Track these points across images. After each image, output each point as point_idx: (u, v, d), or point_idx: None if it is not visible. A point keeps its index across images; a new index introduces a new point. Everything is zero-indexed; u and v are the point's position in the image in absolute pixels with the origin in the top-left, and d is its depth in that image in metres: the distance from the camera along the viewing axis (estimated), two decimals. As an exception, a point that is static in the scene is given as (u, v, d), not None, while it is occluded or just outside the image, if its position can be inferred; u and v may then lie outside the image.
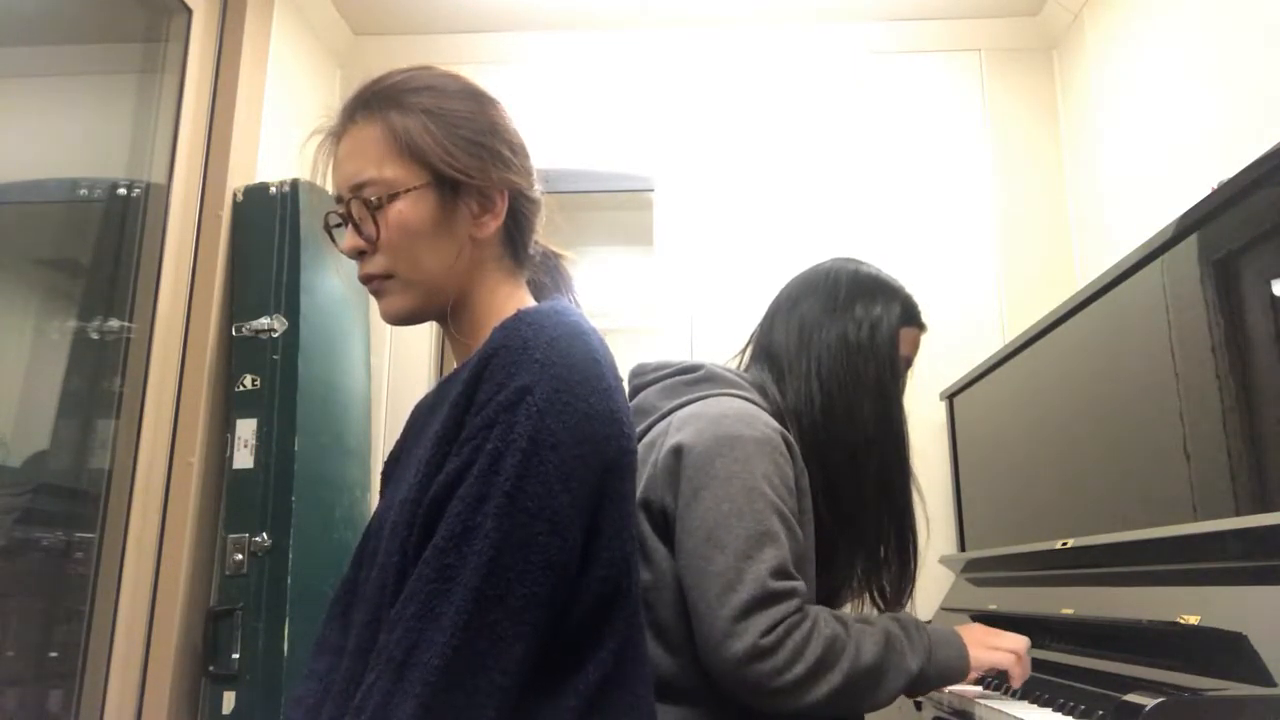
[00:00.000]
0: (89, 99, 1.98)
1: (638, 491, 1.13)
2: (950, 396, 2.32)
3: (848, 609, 1.34)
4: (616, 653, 0.80)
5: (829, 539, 1.21)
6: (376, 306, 0.92)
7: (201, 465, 1.98)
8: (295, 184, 2.13)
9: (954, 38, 2.65)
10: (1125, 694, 0.93)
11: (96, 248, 1.95)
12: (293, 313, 2.05)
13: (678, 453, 1.12)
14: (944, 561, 2.21)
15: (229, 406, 2.03)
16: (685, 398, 1.22)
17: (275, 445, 1.97)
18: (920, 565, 1.28)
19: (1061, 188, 2.56)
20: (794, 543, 1.08)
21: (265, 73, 2.27)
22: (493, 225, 0.89)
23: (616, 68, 2.70)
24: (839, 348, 1.24)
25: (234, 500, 1.96)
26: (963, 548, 2.25)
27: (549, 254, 1.00)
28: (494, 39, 2.71)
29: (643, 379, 1.31)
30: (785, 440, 1.15)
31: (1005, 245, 2.53)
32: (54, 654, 1.78)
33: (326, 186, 0.94)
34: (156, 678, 1.87)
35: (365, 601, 0.81)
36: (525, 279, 0.96)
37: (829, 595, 1.27)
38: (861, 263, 1.34)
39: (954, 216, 2.56)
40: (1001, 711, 1.18)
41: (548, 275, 1.00)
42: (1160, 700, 0.88)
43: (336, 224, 0.92)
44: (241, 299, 2.08)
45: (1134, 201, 2.19)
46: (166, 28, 2.11)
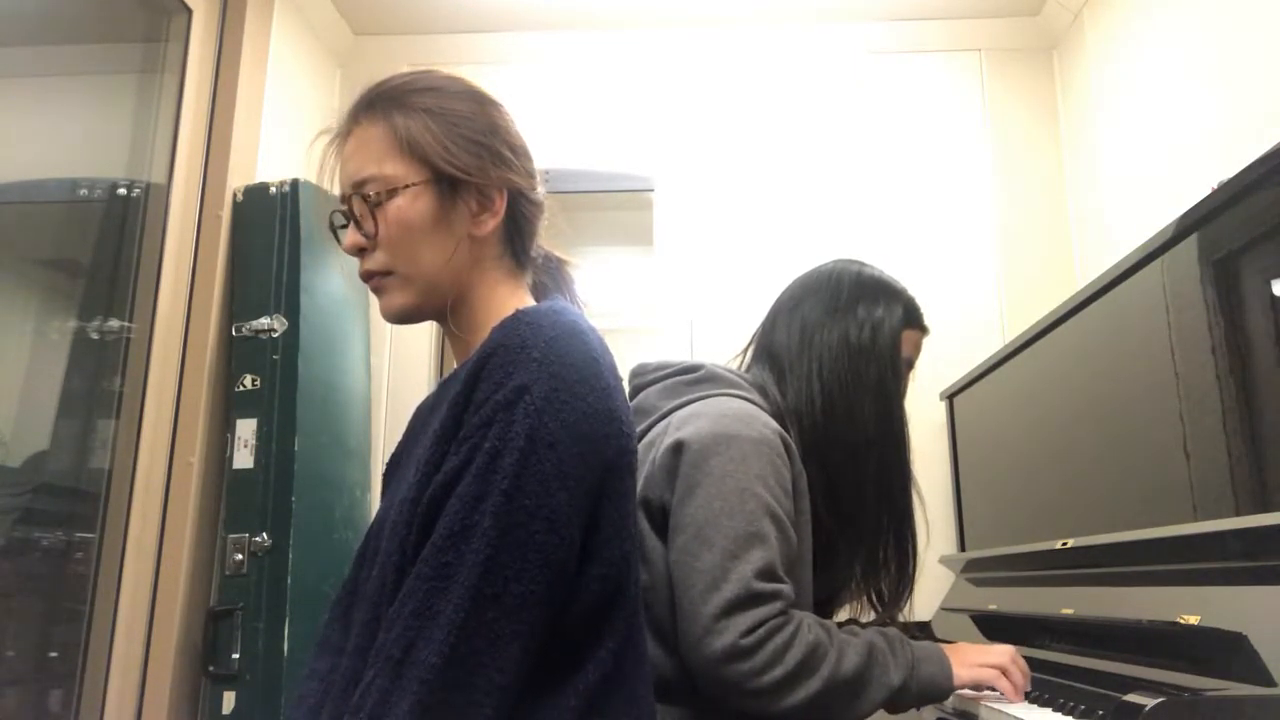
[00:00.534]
0: (89, 99, 1.98)
1: (637, 490, 1.13)
2: (950, 396, 2.32)
3: (846, 611, 1.34)
4: (617, 652, 0.80)
5: (828, 540, 1.20)
6: (376, 307, 0.93)
7: (201, 465, 1.98)
8: (295, 184, 2.13)
9: (954, 38, 2.65)
10: (1125, 694, 0.93)
11: (96, 248, 1.95)
12: (293, 313, 2.05)
13: (677, 450, 1.12)
14: (944, 561, 2.21)
15: (229, 406, 2.03)
16: (685, 397, 1.22)
17: (275, 445, 1.97)
18: (920, 568, 1.28)
19: (1061, 188, 2.56)
20: (786, 545, 1.08)
21: (265, 73, 2.27)
22: (491, 224, 0.90)
23: (616, 68, 2.70)
24: (840, 349, 1.24)
25: (234, 500, 1.96)
26: (963, 548, 2.25)
27: (551, 258, 1.01)
28: (494, 39, 2.71)
29: (643, 379, 1.31)
30: (784, 441, 1.15)
31: (1005, 245, 2.53)
32: (54, 654, 1.78)
33: (333, 189, 0.94)
34: (156, 678, 1.87)
35: (365, 601, 0.82)
36: (527, 281, 0.96)
37: (828, 597, 1.27)
38: (864, 264, 1.34)
39: (954, 216, 2.56)
40: (1002, 711, 1.18)
41: (549, 277, 1.00)
42: (1160, 700, 0.88)
43: (341, 224, 0.92)
44: (241, 299, 2.08)
45: (1134, 201, 2.19)
46: (166, 28, 2.11)
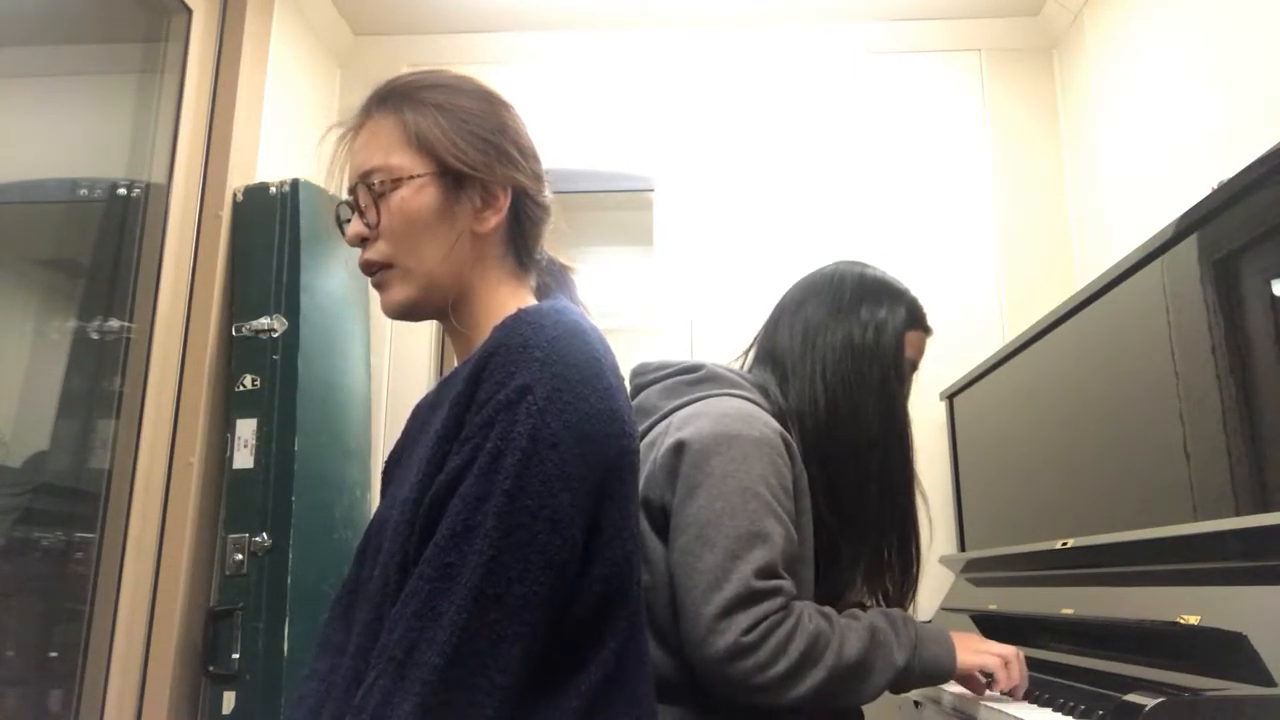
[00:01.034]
0: (89, 99, 1.98)
1: (639, 493, 1.13)
2: (950, 396, 2.32)
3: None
4: (619, 652, 0.80)
5: (831, 541, 1.21)
6: (377, 306, 0.93)
7: (201, 465, 1.98)
8: (295, 184, 2.13)
9: (954, 38, 2.65)
10: (1125, 694, 0.93)
11: (96, 248, 1.95)
12: (293, 313, 2.05)
13: (678, 450, 1.12)
14: (944, 561, 2.21)
15: (229, 406, 2.03)
16: (686, 397, 1.22)
17: (275, 445, 1.97)
18: (923, 570, 1.28)
19: (1061, 188, 2.56)
20: (788, 544, 1.08)
21: (265, 73, 2.27)
22: (493, 220, 0.90)
23: (616, 68, 2.70)
24: (844, 350, 1.24)
25: (234, 500, 1.96)
26: (963, 548, 2.25)
27: (555, 262, 1.01)
28: (494, 39, 2.71)
29: (644, 379, 1.31)
30: (785, 441, 1.15)
31: (1005, 245, 2.53)
32: (54, 654, 1.78)
33: (341, 186, 0.95)
34: (156, 678, 1.87)
35: (367, 601, 0.81)
36: (532, 283, 0.96)
37: (832, 599, 1.27)
38: (868, 265, 1.34)
39: (954, 216, 2.56)
40: (1002, 711, 1.18)
41: (551, 279, 1.00)
42: (1160, 700, 0.88)
43: (346, 218, 0.93)
44: (241, 299, 2.08)
45: (1134, 201, 2.19)
46: (166, 28, 2.11)
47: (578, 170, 2.60)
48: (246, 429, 1.99)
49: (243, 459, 1.98)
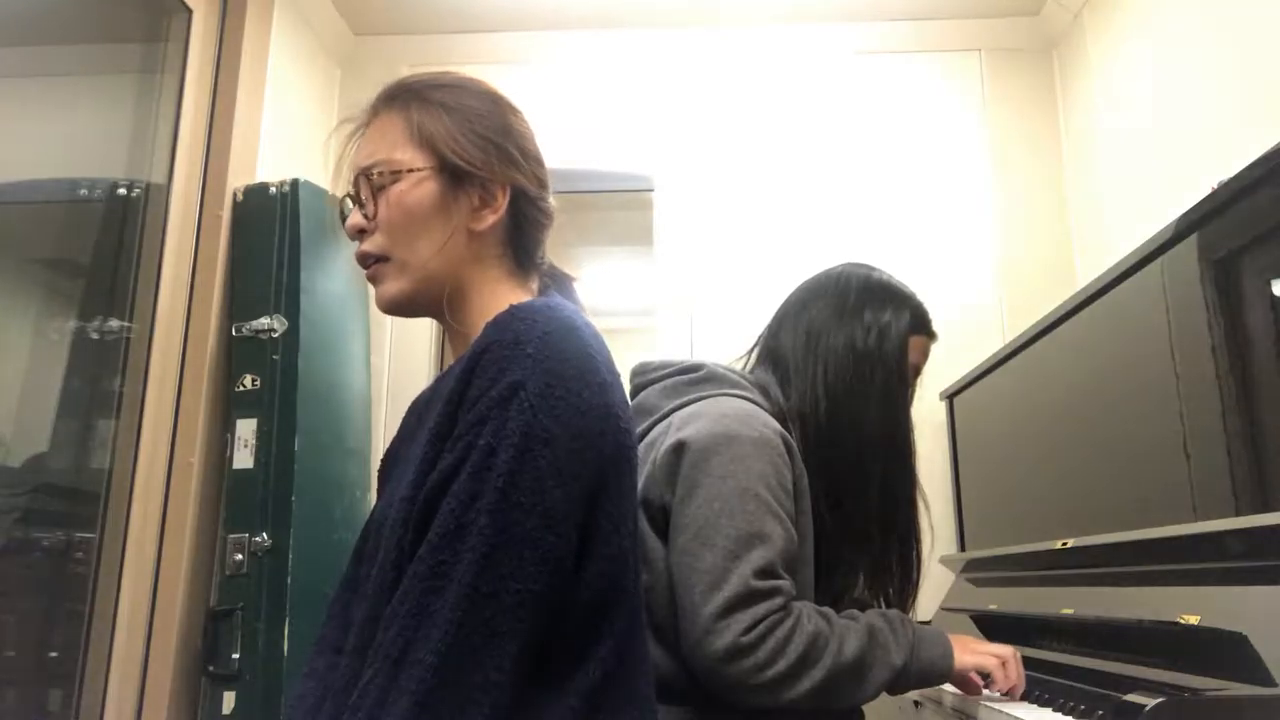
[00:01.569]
0: (89, 99, 1.98)
1: (637, 490, 1.13)
2: (950, 396, 2.32)
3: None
4: (618, 651, 0.80)
5: (832, 543, 1.21)
6: (376, 306, 0.93)
7: (201, 465, 1.98)
8: (295, 184, 2.13)
9: (953, 38, 2.65)
10: (1125, 694, 0.93)
11: (96, 248, 1.95)
12: (293, 313, 2.05)
13: (678, 450, 1.12)
14: (944, 561, 2.21)
15: (229, 406, 2.03)
16: (686, 397, 1.22)
17: (275, 445, 1.97)
18: (924, 573, 1.28)
19: (1061, 188, 2.56)
20: (787, 544, 1.08)
21: (265, 73, 2.27)
22: (490, 219, 0.90)
23: (616, 68, 2.70)
24: (846, 352, 1.24)
25: (234, 500, 1.96)
26: (963, 548, 2.25)
27: (557, 270, 1.00)
28: (494, 39, 2.71)
29: (644, 378, 1.31)
30: (785, 441, 1.15)
31: (1005, 245, 2.53)
32: (54, 654, 1.78)
33: (346, 188, 0.94)
34: (156, 678, 1.87)
35: (364, 600, 0.81)
36: (532, 286, 0.96)
37: (832, 601, 1.27)
38: (873, 268, 1.34)
39: (954, 216, 2.56)
40: (1001, 711, 1.18)
41: (551, 280, 1.00)
42: (1160, 700, 0.88)
43: (350, 212, 0.93)
44: (241, 299, 2.08)
45: (1134, 201, 2.19)
46: (166, 28, 2.11)
47: (578, 170, 2.60)
48: (246, 429, 1.99)
49: (243, 459, 1.98)
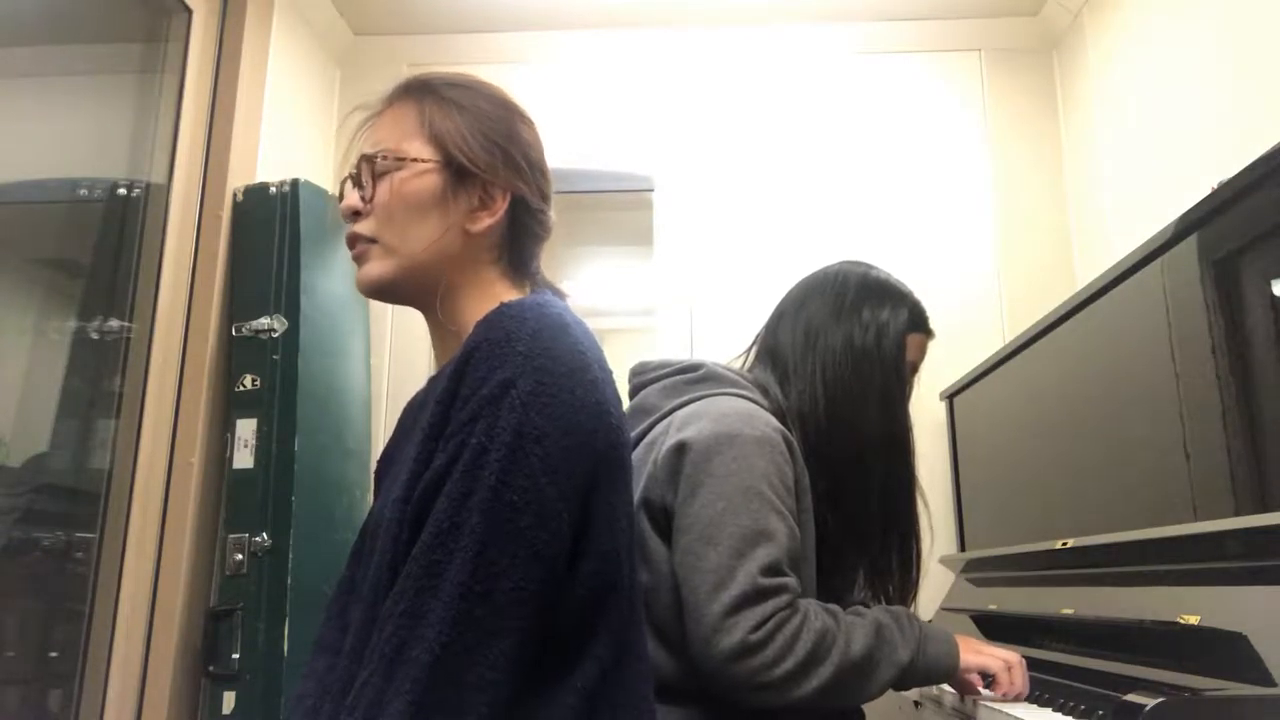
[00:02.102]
0: (89, 99, 1.98)
1: (638, 491, 1.13)
2: (950, 396, 2.32)
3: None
4: (615, 650, 0.80)
5: (832, 543, 1.21)
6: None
7: (201, 465, 1.98)
8: (295, 184, 2.13)
9: (953, 38, 2.65)
10: (1125, 694, 0.93)
11: (96, 248, 1.95)
12: (293, 313, 2.05)
13: (679, 450, 1.12)
14: (944, 561, 2.21)
15: (229, 406, 2.03)
16: (686, 397, 1.22)
17: (275, 445, 1.97)
18: (924, 572, 1.28)
19: (1061, 187, 2.56)
20: (791, 542, 1.08)
21: (265, 73, 2.27)
22: (486, 222, 0.90)
23: (616, 68, 2.70)
24: (844, 351, 1.24)
25: (234, 500, 1.96)
26: (963, 548, 2.25)
27: (551, 285, 1.00)
28: (494, 39, 2.71)
29: (644, 378, 1.31)
30: (786, 439, 1.15)
31: (1005, 245, 2.53)
32: (54, 654, 1.78)
33: (343, 171, 0.95)
34: (156, 678, 1.87)
35: (362, 601, 0.81)
36: (526, 290, 0.95)
37: (834, 598, 1.27)
38: (871, 266, 1.34)
39: (954, 216, 2.56)
40: (1002, 712, 1.18)
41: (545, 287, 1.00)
42: (1160, 700, 0.88)
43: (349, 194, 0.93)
44: (241, 299, 2.08)
45: (1134, 201, 2.19)
46: (166, 28, 2.11)
47: (578, 170, 2.60)
48: (246, 429, 1.99)
49: (243, 459, 1.98)
